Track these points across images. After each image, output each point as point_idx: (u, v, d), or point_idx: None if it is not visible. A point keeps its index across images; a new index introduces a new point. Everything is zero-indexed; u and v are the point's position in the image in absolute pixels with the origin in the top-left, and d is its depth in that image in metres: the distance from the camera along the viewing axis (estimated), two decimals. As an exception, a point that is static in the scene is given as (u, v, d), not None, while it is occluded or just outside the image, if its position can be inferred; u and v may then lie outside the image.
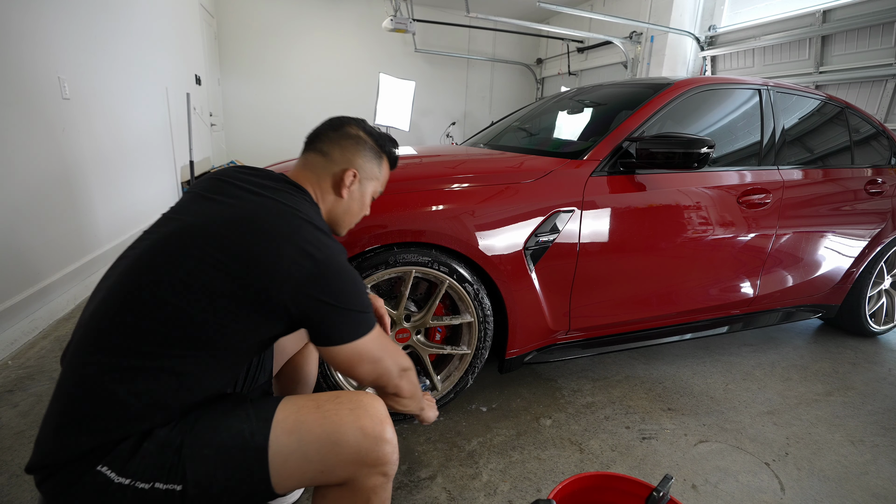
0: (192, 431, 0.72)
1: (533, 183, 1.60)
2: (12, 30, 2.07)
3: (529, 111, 2.65)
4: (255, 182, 0.86)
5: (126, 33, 3.37)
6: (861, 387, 2.08)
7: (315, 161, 0.96)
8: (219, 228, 0.76)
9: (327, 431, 0.75)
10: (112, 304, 0.73)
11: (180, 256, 0.73)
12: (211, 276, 0.72)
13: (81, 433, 0.68)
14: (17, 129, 2.10)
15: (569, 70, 7.77)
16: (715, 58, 5.50)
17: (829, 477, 1.49)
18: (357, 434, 0.76)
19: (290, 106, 7.66)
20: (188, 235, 0.76)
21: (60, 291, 2.37)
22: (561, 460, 1.50)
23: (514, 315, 1.60)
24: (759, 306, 2.20)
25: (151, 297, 0.71)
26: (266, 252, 0.74)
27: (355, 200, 0.99)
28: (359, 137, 0.99)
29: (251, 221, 0.77)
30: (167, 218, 0.83)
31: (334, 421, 0.76)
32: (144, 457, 0.69)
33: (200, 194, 0.86)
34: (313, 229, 0.80)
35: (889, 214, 2.40)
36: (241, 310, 0.74)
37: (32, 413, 1.57)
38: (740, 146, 2.07)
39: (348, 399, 0.80)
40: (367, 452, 0.76)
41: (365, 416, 0.78)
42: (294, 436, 0.75)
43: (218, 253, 0.73)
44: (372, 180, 1.01)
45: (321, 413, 0.77)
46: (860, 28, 4.03)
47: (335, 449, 0.75)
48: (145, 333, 0.70)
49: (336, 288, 0.78)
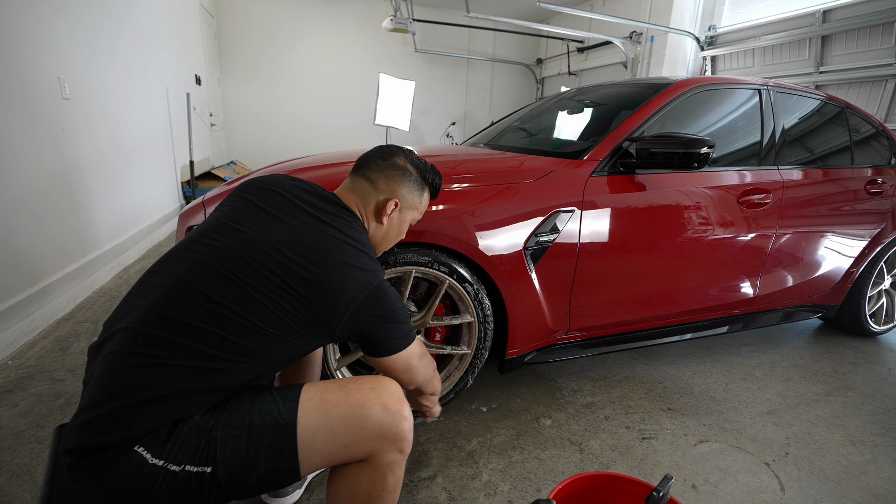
0: (222, 416, 0.77)
1: (533, 183, 1.60)
2: (12, 30, 2.07)
3: (529, 111, 2.65)
4: (311, 203, 0.92)
5: (126, 33, 3.37)
6: (861, 387, 2.08)
7: (362, 186, 1.03)
8: (285, 249, 0.81)
9: (352, 406, 0.81)
10: (172, 304, 0.77)
11: (247, 270, 0.79)
12: (277, 294, 0.79)
13: (131, 418, 0.71)
14: (18, 129, 2.10)
15: (569, 70, 7.77)
16: (715, 58, 5.50)
17: (829, 477, 1.49)
18: (380, 410, 0.82)
19: (290, 106, 7.66)
20: (254, 250, 0.81)
21: (60, 291, 2.37)
22: (561, 460, 1.50)
23: (514, 315, 1.60)
24: (759, 306, 2.20)
25: (214, 304, 0.76)
26: (331, 279, 0.81)
27: (394, 227, 1.07)
28: (405, 169, 1.05)
29: (317, 249, 0.83)
30: (224, 225, 0.87)
31: (358, 398, 0.82)
32: (178, 439, 0.73)
33: (257, 205, 0.90)
34: (368, 259, 0.89)
35: (889, 214, 2.40)
36: (300, 327, 0.81)
37: (32, 413, 1.57)
38: (740, 146, 2.07)
39: (368, 381, 0.87)
40: (388, 426, 0.82)
41: (386, 395, 0.84)
42: (321, 412, 0.80)
43: (285, 274, 0.79)
44: (412, 209, 1.08)
45: (345, 392, 0.84)
46: (860, 28, 4.03)
47: (360, 423, 0.81)
48: (207, 338, 0.75)
49: (386, 307, 0.88)
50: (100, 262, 2.82)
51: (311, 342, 0.84)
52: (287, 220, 0.86)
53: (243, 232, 0.84)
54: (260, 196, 0.92)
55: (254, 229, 0.84)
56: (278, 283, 0.79)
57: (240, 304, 0.77)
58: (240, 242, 0.82)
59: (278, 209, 0.89)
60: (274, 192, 0.92)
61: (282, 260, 0.80)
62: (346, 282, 0.82)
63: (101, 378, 0.73)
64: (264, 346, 0.79)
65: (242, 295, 0.77)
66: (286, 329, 0.80)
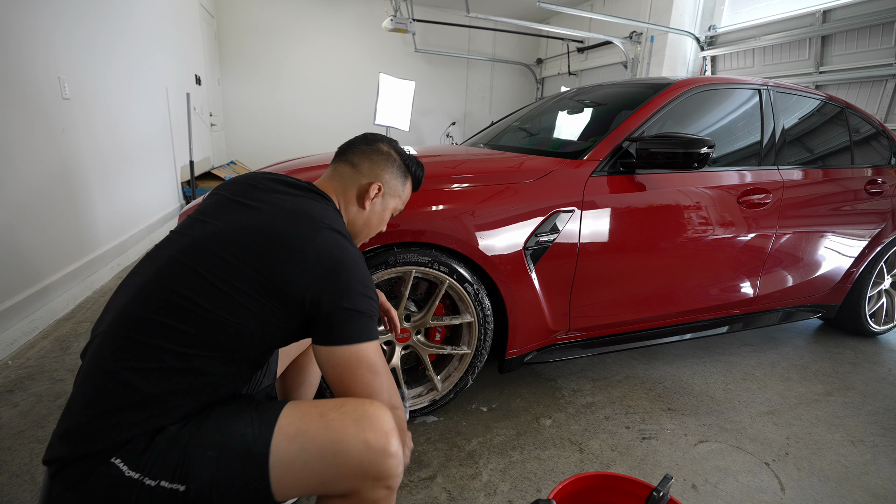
0: (199, 430, 0.73)
1: (533, 183, 1.60)
2: (12, 30, 2.07)
3: (529, 111, 2.65)
4: (282, 190, 0.90)
5: (126, 33, 3.37)
6: (861, 387, 2.08)
7: (344, 171, 1.01)
8: (249, 231, 0.80)
9: (330, 442, 0.73)
10: (143, 304, 0.75)
11: (212, 259, 0.77)
12: (238, 275, 0.76)
13: (107, 428, 0.69)
14: (18, 129, 2.10)
15: (569, 70, 7.77)
16: (715, 58, 5.50)
17: (828, 477, 1.49)
18: (361, 447, 0.73)
19: (290, 106, 7.66)
20: (220, 238, 0.79)
21: (60, 291, 2.37)
22: (561, 460, 1.50)
23: (514, 315, 1.60)
24: (759, 306, 2.20)
25: (180, 298, 0.74)
26: (291, 249, 0.78)
27: (376, 213, 1.03)
28: (389, 154, 1.03)
29: (279, 224, 0.81)
30: (195, 220, 0.86)
31: (338, 431, 0.74)
32: (155, 452, 0.70)
33: (229, 198, 0.89)
34: (333, 232, 0.84)
35: (889, 214, 2.40)
36: (264, 303, 0.77)
37: (32, 413, 1.57)
38: (740, 146, 2.07)
39: (353, 408, 0.77)
40: (370, 465, 0.74)
41: (369, 428, 0.74)
42: (296, 444, 0.73)
43: (246, 252, 0.77)
44: (394, 197, 1.05)
45: (325, 422, 0.75)
46: (860, 28, 4.03)
47: (337, 460, 0.73)
48: (175, 334, 0.73)
49: (350, 287, 0.80)
50: (100, 262, 2.82)
51: (283, 319, 0.79)
52: (258, 207, 0.85)
53: (212, 224, 0.83)
54: (233, 190, 0.91)
55: (223, 220, 0.83)
56: (239, 267, 0.76)
57: (203, 296, 0.74)
58: (207, 233, 0.81)
59: (250, 198, 0.87)
60: (247, 185, 0.91)
61: (247, 241, 0.78)
62: (307, 249, 0.78)
63: (77, 387, 0.73)
64: (231, 337, 0.75)
65: (205, 285, 0.75)
66: (248, 306, 0.76)
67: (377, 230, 1.07)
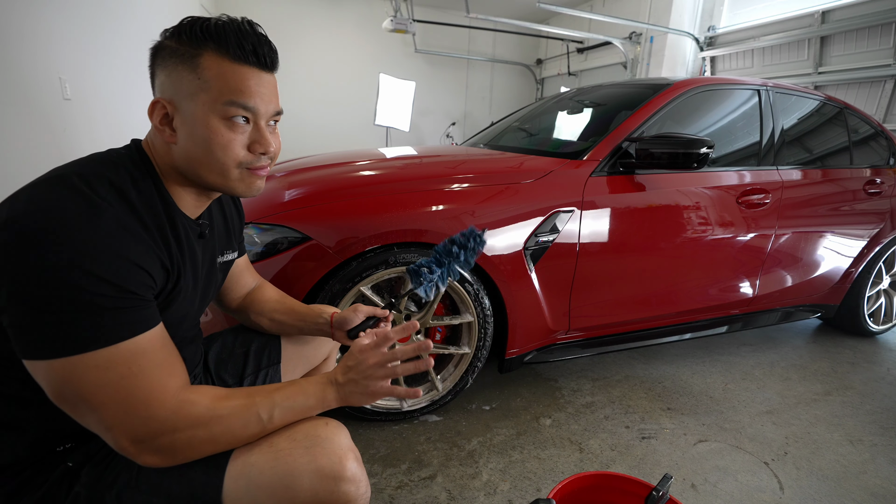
0: (140, 475, 0.65)
1: (533, 183, 1.61)
2: (13, 30, 2.07)
3: (529, 111, 2.66)
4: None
5: (127, 33, 3.37)
6: (860, 386, 2.08)
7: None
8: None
9: (279, 475, 0.66)
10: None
11: None
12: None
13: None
14: (19, 130, 2.10)
15: (569, 70, 7.78)
16: (714, 58, 5.51)
17: (827, 476, 1.49)
18: (312, 477, 0.67)
19: (290, 106, 7.65)
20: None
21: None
22: (561, 460, 1.50)
23: (514, 315, 1.60)
24: (758, 306, 2.20)
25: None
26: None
27: (190, 137, 0.68)
28: (158, 48, 0.70)
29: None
30: None
31: (287, 462, 0.67)
32: (77, 501, 0.62)
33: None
34: (46, 182, 0.60)
35: (888, 214, 2.41)
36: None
37: None
38: (740, 146, 2.07)
39: (304, 434, 0.69)
40: (325, 496, 0.67)
41: (321, 455, 0.68)
42: (242, 481, 0.66)
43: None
44: (200, 93, 0.67)
45: (273, 453, 0.67)
46: (859, 29, 4.04)
47: (288, 494, 0.67)
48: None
49: (19, 268, 0.53)
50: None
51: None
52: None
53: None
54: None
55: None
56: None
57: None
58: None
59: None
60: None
61: None
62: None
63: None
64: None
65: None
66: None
67: (227, 152, 0.69)
